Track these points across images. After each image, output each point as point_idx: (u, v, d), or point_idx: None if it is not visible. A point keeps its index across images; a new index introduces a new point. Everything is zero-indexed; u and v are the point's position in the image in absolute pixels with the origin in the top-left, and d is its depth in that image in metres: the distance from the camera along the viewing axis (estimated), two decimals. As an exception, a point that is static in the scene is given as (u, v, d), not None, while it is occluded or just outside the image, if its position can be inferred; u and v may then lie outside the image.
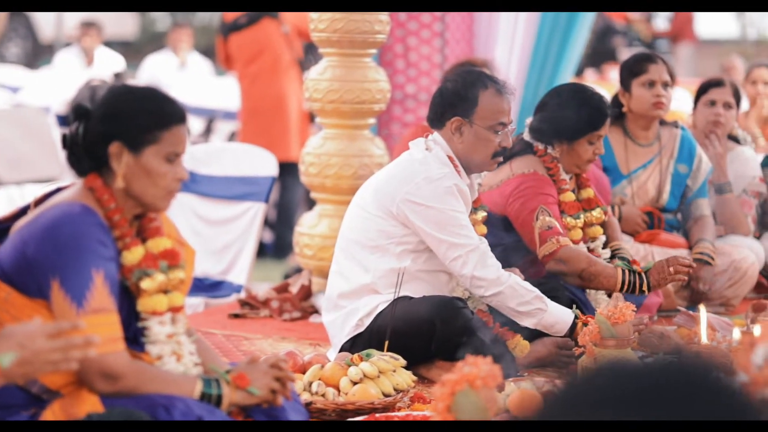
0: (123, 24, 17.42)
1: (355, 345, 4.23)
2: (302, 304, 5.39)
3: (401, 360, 3.91)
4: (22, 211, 3.13)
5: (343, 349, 4.27)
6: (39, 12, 16.05)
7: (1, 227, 3.14)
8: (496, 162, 4.36)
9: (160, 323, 3.07)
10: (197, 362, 3.13)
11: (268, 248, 8.83)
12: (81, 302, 2.89)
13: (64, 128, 7.63)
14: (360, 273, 4.30)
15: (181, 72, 12.20)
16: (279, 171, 5.91)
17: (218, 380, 3.05)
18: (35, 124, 7.71)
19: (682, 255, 5.43)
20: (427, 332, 4.16)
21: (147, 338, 3.06)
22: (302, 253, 5.54)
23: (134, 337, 3.06)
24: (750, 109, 7.30)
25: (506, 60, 7.19)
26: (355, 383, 3.77)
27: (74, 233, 2.93)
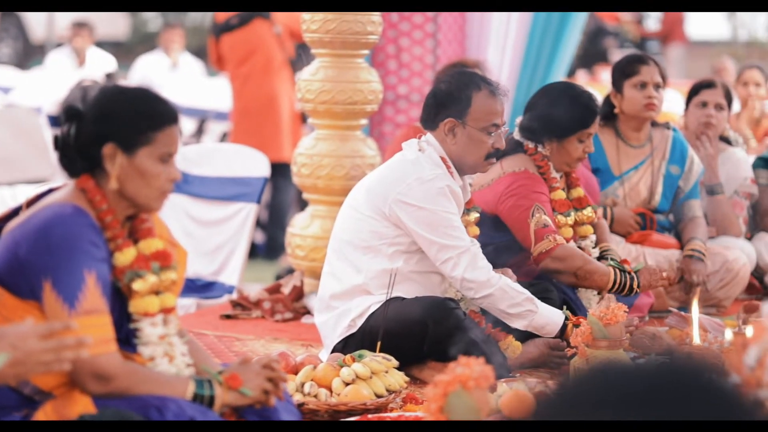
0: (114, 24, 17.40)
1: (348, 346, 4.23)
2: (294, 305, 5.39)
3: (393, 361, 3.91)
4: (14, 212, 3.13)
5: (336, 350, 4.27)
6: (30, 12, 16.01)
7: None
8: (489, 163, 4.37)
9: (152, 324, 3.06)
10: (189, 363, 3.13)
11: (260, 249, 8.82)
12: (73, 303, 2.88)
13: (56, 129, 7.62)
14: (352, 274, 4.30)
15: (173, 72, 12.18)
16: (271, 172, 5.90)
17: (210, 381, 3.05)
18: (26, 125, 7.69)
19: (674, 255, 5.46)
20: (420, 333, 4.16)
21: (139, 339, 3.06)
22: (294, 254, 5.54)
23: (126, 339, 3.06)
24: (741, 111, 7.31)
25: (498, 61, 7.19)
26: (348, 384, 3.77)
27: (66, 234, 2.92)
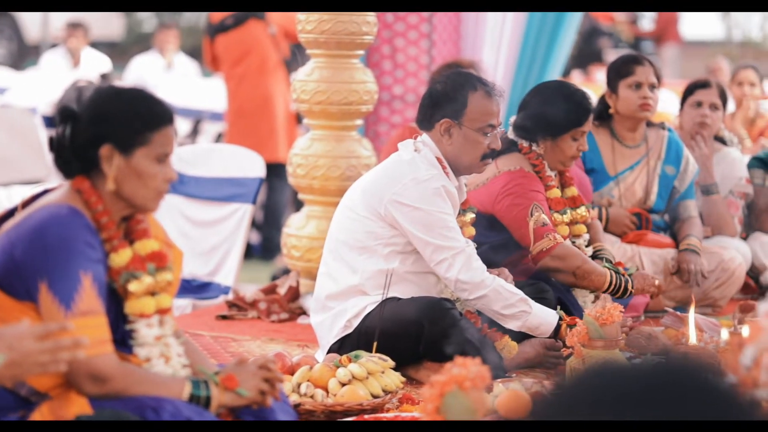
0: (109, 25, 17.37)
1: (344, 346, 4.23)
2: (290, 306, 5.39)
3: (390, 361, 3.91)
4: (9, 213, 3.12)
5: (332, 351, 4.26)
6: (25, 12, 15.99)
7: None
8: (485, 164, 4.37)
9: (148, 325, 3.06)
10: (185, 364, 3.12)
11: (256, 249, 8.82)
12: (69, 304, 2.88)
13: (51, 129, 7.61)
14: (348, 274, 4.30)
15: (168, 73, 12.17)
16: (266, 172, 5.90)
17: (207, 382, 3.04)
18: (22, 126, 7.69)
19: (669, 254, 5.48)
20: (416, 333, 4.16)
21: (135, 341, 3.05)
22: (290, 255, 5.53)
23: (122, 340, 3.06)
24: (736, 111, 7.32)
25: (493, 61, 7.19)
26: (344, 384, 3.76)
27: (62, 235, 2.92)
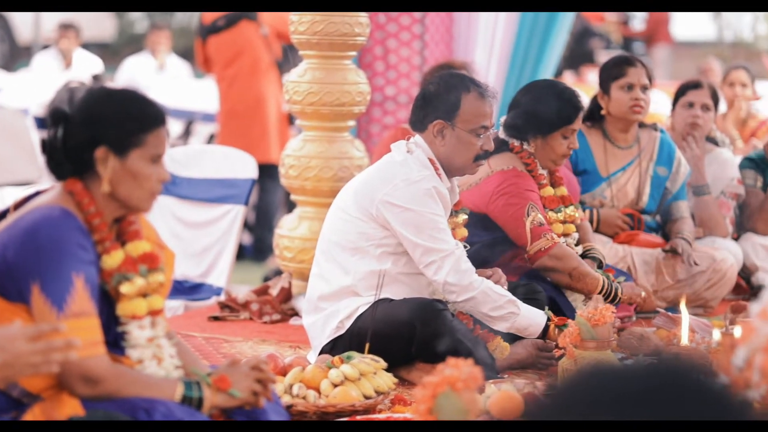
0: (101, 26, 17.34)
1: (336, 347, 4.23)
2: (282, 307, 5.39)
3: (382, 362, 3.91)
4: (1, 215, 3.12)
5: (324, 352, 4.26)
6: (16, 12, 15.97)
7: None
8: (478, 165, 4.37)
9: (140, 327, 3.05)
10: (178, 365, 3.12)
11: (247, 251, 8.81)
12: (61, 306, 2.87)
13: (43, 131, 7.60)
14: (340, 275, 4.30)
15: (160, 74, 12.15)
16: (258, 173, 5.90)
17: (199, 383, 3.04)
18: (13, 127, 7.68)
19: (661, 254, 5.49)
20: (408, 334, 4.16)
21: (127, 342, 3.05)
22: (282, 256, 5.53)
23: (115, 341, 3.05)
24: (728, 111, 7.32)
25: (485, 62, 7.20)
26: (336, 385, 3.76)
27: (54, 237, 2.92)
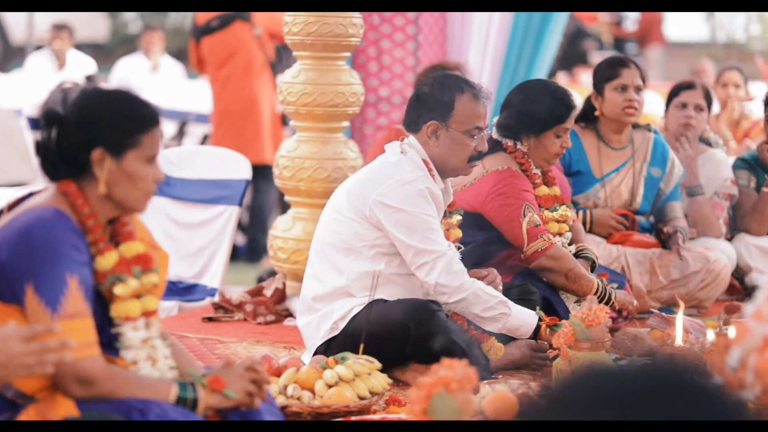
0: (94, 27, 17.33)
1: (330, 348, 4.23)
2: (276, 308, 5.38)
3: (376, 363, 3.91)
4: (-5, 216, 3.12)
5: (318, 353, 4.26)
6: (9, 13, 15.95)
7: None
8: (472, 166, 4.37)
9: (134, 328, 3.05)
10: (172, 366, 3.12)
11: (242, 251, 8.81)
12: (55, 307, 2.87)
13: (36, 131, 7.60)
14: (334, 276, 4.30)
15: (153, 75, 12.15)
16: (252, 174, 5.90)
17: (194, 384, 3.04)
18: (7, 128, 7.67)
19: (655, 254, 5.51)
20: (402, 335, 4.16)
21: (121, 344, 3.05)
22: (276, 257, 5.53)
23: (109, 342, 3.05)
24: (721, 112, 7.33)
25: (479, 63, 7.20)
26: (331, 386, 3.76)
27: (48, 238, 2.91)
